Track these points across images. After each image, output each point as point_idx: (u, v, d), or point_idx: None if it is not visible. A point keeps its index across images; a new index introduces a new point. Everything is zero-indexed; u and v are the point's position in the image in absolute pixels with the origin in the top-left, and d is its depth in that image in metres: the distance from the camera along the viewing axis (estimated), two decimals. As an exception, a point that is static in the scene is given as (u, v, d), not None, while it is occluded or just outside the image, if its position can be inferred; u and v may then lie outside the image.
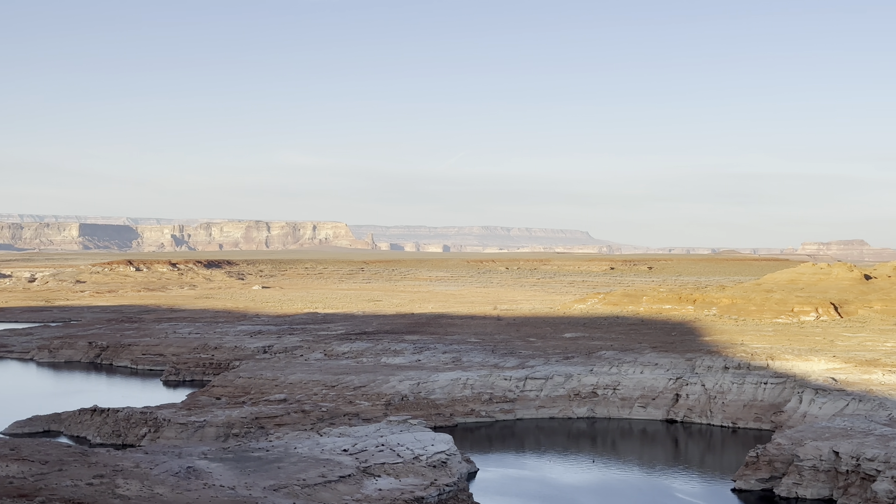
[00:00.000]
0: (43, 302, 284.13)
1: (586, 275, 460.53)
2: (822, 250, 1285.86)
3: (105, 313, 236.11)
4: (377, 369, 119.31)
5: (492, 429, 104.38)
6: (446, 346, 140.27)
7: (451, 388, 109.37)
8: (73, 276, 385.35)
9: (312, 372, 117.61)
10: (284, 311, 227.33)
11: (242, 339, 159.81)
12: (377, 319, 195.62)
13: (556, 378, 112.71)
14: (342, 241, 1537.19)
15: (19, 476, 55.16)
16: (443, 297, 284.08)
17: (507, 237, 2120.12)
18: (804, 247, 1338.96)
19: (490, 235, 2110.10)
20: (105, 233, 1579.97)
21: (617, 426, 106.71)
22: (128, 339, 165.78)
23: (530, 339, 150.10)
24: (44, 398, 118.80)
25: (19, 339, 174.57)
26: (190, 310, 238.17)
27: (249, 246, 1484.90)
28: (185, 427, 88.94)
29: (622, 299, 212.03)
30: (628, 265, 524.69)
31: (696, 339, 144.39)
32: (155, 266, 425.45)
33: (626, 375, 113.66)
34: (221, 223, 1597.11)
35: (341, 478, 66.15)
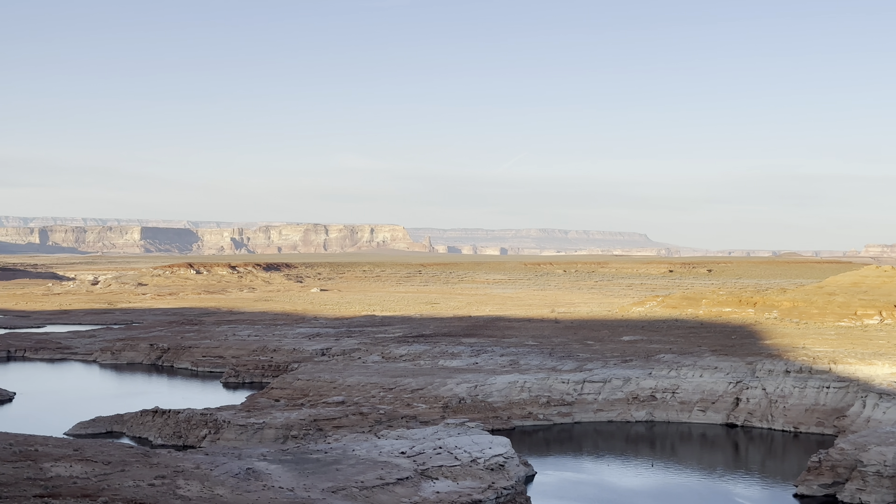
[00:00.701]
0: (105, 304, 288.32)
1: (644, 277, 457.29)
2: (887, 252, 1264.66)
3: (166, 316, 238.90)
4: (434, 372, 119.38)
5: (549, 432, 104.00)
6: (504, 348, 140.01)
7: (509, 391, 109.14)
8: (134, 279, 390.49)
9: (370, 374, 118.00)
10: (342, 314, 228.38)
11: (301, 341, 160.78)
12: (434, 322, 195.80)
13: (614, 381, 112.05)
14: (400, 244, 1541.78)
15: (83, 476, 55.96)
16: (500, 300, 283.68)
17: (565, 240, 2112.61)
18: (867, 249, 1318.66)
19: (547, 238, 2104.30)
20: (166, 236, 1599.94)
21: (676, 430, 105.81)
22: (188, 341, 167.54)
23: (588, 342, 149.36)
24: (106, 399, 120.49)
25: (83, 341, 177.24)
26: (249, 312, 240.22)
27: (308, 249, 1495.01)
28: (244, 429, 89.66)
29: (681, 302, 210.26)
30: (687, 268, 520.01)
31: (756, 342, 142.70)
32: (215, 269, 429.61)
33: (685, 379, 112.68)
34: (280, 226, 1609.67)
35: (399, 480, 66.28)
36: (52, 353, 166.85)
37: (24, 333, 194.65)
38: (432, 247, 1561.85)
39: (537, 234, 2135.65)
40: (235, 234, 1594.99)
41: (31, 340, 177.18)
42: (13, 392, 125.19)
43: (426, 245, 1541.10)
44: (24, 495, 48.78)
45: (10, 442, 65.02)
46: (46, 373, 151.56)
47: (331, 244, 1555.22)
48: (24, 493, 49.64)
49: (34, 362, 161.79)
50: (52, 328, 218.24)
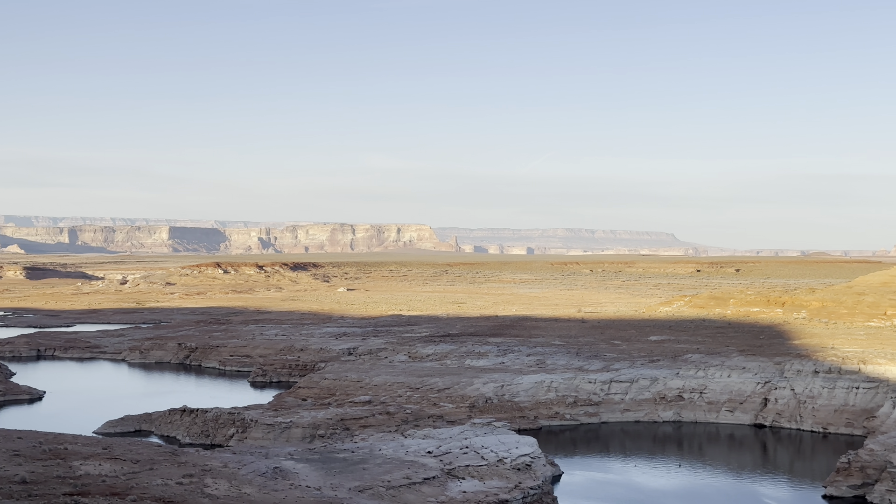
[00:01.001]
0: (134, 304, 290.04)
1: (672, 277, 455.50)
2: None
3: (194, 315, 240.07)
4: (461, 372, 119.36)
5: (576, 432, 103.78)
6: (530, 348, 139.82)
7: (536, 390, 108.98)
8: (163, 279, 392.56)
9: (397, 374, 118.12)
10: (369, 314, 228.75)
11: (328, 340, 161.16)
12: (461, 322, 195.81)
13: (641, 381, 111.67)
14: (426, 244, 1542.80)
15: (112, 475, 56.29)
16: (527, 300, 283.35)
17: (592, 239, 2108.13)
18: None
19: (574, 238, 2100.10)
20: (194, 236, 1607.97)
21: (704, 430, 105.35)
22: (216, 340, 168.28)
23: (615, 341, 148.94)
24: (135, 398, 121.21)
25: (111, 341, 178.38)
26: (276, 312, 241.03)
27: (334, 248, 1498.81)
28: (271, 428, 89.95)
29: (709, 302, 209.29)
30: (715, 267, 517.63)
31: (784, 342, 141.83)
32: (242, 268, 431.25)
33: (712, 379, 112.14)
34: (307, 226, 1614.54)
35: (426, 479, 66.30)
36: (81, 352, 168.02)
37: (54, 332, 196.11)
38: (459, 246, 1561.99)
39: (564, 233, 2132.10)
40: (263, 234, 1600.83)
41: (61, 339, 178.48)
42: (43, 391, 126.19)
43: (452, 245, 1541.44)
44: (53, 493, 49.12)
45: (39, 440, 65.50)
46: (76, 371, 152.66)
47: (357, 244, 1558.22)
48: (54, 491, 49.99)
49: (64, 361, 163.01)
50: (82, 327, 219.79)
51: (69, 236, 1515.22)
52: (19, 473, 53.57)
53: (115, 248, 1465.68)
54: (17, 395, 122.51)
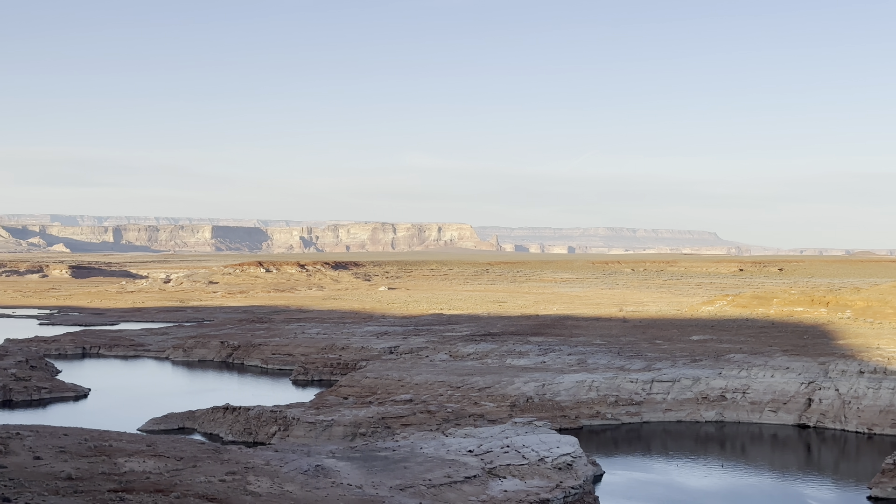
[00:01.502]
0: (177, 302, 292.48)
1: (714, 276, 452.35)
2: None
3: (236, 314, 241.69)
4: (502, 371, 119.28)
5: (617, 431, 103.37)
6: (571, 347, 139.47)
7: (577, 390, 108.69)
8: (206, 277, 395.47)
9: (438, 373, 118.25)
10: (410, 312, 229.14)
11: (369, 339, 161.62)
12: (502, 321, 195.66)
13: (683, 381, 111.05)
14: (467, 243, 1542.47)
15: (156, 472, 56.82)
16: (568, 299, 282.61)
17: (633, 238, 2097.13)
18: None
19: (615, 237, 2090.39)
20: (236, 235, 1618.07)
21: (746, 430, 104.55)
22: (258, 339, 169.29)
23: (657, 341, 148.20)
24: (178, 396, 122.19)
25: (155, 339, 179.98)
26: (318, 310, 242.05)
27: (375, 247, 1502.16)
28: (313, 426, 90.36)
29: (751, 301, 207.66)
30: (758, 267, 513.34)
31: (829, 342, 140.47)
32: (284, 267, 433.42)
33: (755, 379, 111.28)
34: (348, 225, 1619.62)
35: (467, 478, 66.34)
36: (125, 350, 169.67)
37: (99, 331, 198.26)
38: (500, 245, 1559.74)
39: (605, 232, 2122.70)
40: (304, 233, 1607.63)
41: (106, 338, 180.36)
42: (88, 388, 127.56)
43: (493, 244, 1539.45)
44: (98, 489, 49.68)
45: (85, 437, 66.25)
46: (120, 369, 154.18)
47: (398, 243, 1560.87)
48: (99, 487, 50.56)
49: (108, 359, 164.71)
50: (126, 325, 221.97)
51: (114, 235, 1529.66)
52: (65, 470, 54.23)
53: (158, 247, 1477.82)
54: (63, 392, 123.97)
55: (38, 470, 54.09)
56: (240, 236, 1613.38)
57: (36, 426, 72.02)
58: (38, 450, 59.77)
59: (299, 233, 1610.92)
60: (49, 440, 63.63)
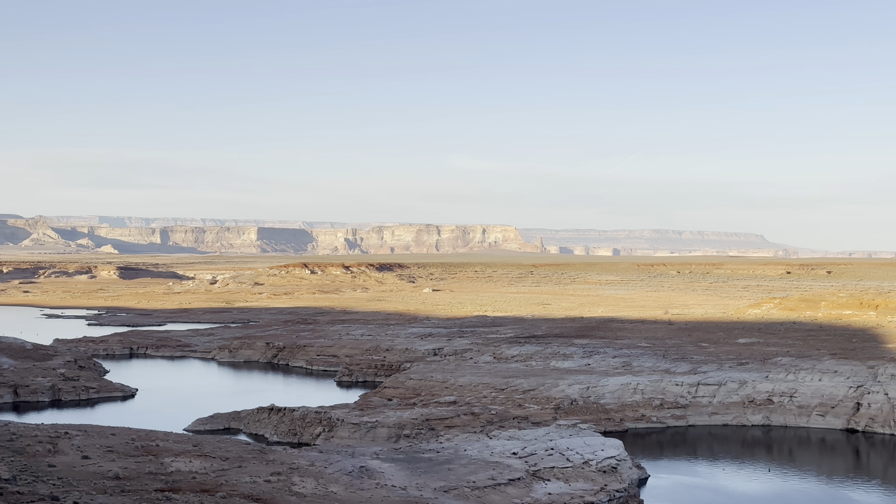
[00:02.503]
0: (223, 303, 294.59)
1: (761, 279, 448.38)
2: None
3: (281, 315, 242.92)
4: (546, 373, 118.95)
5: (663, 435, 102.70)
6: (616, 350, 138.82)
7: (621, 392, 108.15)
8: (251, 279, 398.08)
9: (482, 375, 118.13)
10: (454, 314, 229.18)
11: (413, 341, 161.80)
12: (546, 323, 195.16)
13: (729, 384, 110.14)
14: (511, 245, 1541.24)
15: (202, 472, 57.24)
16: (612, 301, 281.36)
17: (679, 240, 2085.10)
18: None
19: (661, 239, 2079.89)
20: (282, 236, 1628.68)
21: (794, 435, 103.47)
22: (303, 340, 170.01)
23: (702, 344, 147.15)
24: (224, 396, 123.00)
25: (201, 340, 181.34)
26: (362, 312, 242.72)
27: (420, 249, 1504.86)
28: (357, 427, 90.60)
29: (799, 304, 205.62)
30: (805, 269, 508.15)
31: (878, 346, 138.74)
32: (329, 269, 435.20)
33: (803, 382, 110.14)
34: (393, 227, 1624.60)
35: (511, 481, 66.22)
36: (172, 350, 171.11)
37: (146, 331, 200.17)
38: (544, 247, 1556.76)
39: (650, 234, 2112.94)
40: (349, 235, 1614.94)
41: (153, 338, 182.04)
42: (136, 388, 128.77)
43: (538, 245, 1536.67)
44: (145, 489, 50.13)
45: (132, 437, 66.90)
46: (167, 370, 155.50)
47: (443, 244, 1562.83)
48: (146, 486, 51.02)
49: (155, 359, 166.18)
50: (173, 326, 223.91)
51: (161, 237, 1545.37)
52: (112, 469, 54.78)
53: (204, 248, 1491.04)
54: (111, 392, 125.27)
55: (86, 469, 54.70)
56: (285, 238, 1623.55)
57: (84, 426, 72.84)
58: (86, 449, 60.44)
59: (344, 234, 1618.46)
60: (97, 440, 64.31)
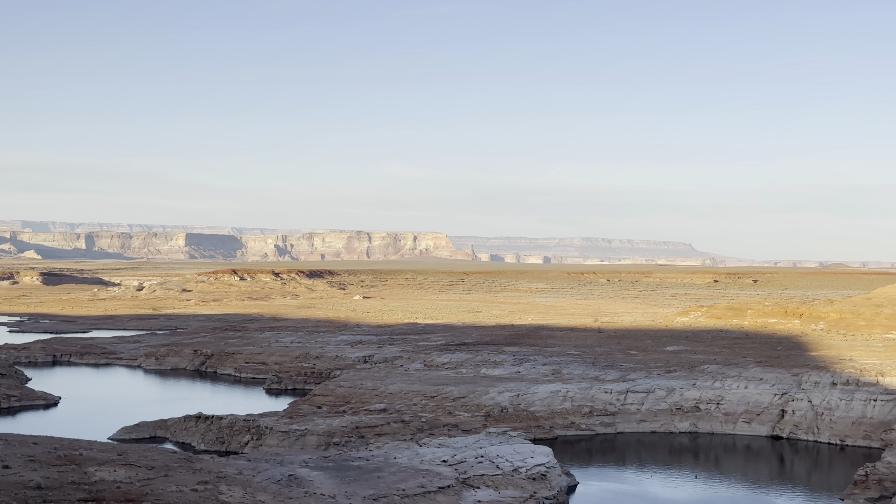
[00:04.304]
0: (150, 310, 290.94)
1: (689, 287, 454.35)
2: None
3: (210, 322, 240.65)
4: (477, 380, 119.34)
5: (592, 442, 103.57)
6: (546, 358, 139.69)
7: (551, 400, 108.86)
8: (179, 285, 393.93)
9: (412, 382, 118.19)
10: (385, 322, 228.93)
11: (343, 348, 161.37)
12: (477, 331, 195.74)
13: (657, 392, 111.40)
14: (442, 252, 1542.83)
15: (126, 481, 56.47)
16: (543, 309, 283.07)
17: (609, 249, 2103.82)
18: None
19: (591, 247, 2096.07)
20: (210, 242, 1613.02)
21: (720, 442, 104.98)
22: (232, 347, 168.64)
23: (631, 351, 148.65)
24: (150, 405, 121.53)
25: (128, 347, 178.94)
26: (292, 319, 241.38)
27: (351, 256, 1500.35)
28: (286, 435, 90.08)
29: (726, 313, 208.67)
30: (732, 278, 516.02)
31: (802, 354, 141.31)
32: (258, 275, 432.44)
33: (729, 390, 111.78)
34: (323, 233, 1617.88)
35: (441, 489, 66.29)
36: (97, 357, 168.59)
37: (70, 338, 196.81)
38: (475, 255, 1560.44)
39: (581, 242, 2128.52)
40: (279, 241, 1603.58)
41: (77, 345, 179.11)
42: (59, 396, 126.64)
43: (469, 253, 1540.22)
44: (68, 499, 49.32)
45: (54, 446, 65.77)
46: (91, 377, 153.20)
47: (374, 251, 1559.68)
48: (69, 497, 50.19)
49: (80, 367, 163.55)
50: (98, 333, 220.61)
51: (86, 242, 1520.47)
52: (34, 479, 53.81)
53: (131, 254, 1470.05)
54: (33, 400, 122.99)
55: (7, 479, 53.65)
56: (214, 244, 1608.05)
57: (5, 435, 71.46)
58: (7, 459, 59.28)
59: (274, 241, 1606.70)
60: (18, 449, 63.12)
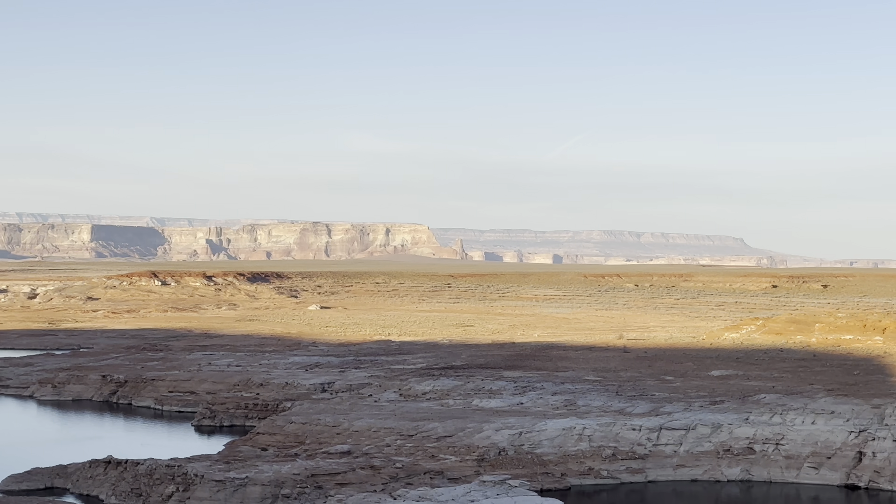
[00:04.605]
0: (46, 324, 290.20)
1: (740, 294, 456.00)
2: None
3: (123, 339, 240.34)
4: (467, 414, 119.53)
5: (616, 493, 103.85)
6: (557, 385, 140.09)
7: (563, 439, 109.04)
8: (83, 292, 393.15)
9: (384, 417, 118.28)
10: (349, 339, 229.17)
11: (295, 373, 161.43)
12: (468, 350, 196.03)
13: (700, 428, 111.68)
14: (423, 249, 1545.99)
15: (15, 544, 56.33)
16: (552, 322, 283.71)
17: (637, 245, 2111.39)
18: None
19: (614, 243, 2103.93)
20: (124, 237, 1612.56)
21: (780, 492, 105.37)
22: (151, 371, 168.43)
23: (666, 377, 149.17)
24: (46, 446, 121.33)
25: (16, 371, 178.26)
26: (230, 335, 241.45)
27: (305, 254, 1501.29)
28: (222, 485, 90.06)
29: (787, 327, 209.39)
30: (796, 282, 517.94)
31: (885, 379, 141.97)
32: (186, 279, 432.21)
33: (792, 427, 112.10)
34: (270, 225, 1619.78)
35: (420, 554, 66.34)
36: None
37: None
38: (465, 253, 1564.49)
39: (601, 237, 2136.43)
40: (212, 235, 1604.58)
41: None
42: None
43: (457, 251, 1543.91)
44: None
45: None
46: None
47: (334, 248, 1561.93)
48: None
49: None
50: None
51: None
52: None
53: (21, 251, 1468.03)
54: None
55: None
56: (128, 238, 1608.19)
57: None
58: None
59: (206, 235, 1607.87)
60: None
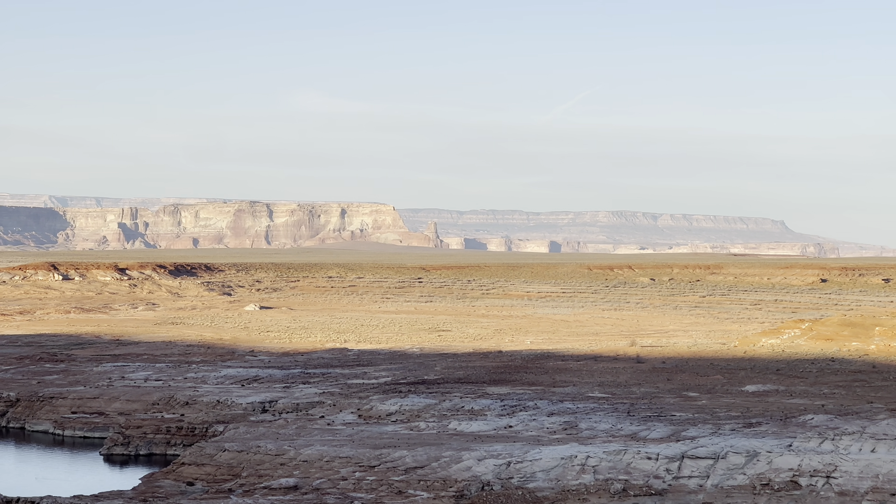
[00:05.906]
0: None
1: (781, 290, 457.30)
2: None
3: (14, 347, 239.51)
4: (442, 441, 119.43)
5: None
6: (553, 403, 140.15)
7: (562, 471, 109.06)
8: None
9: (340, 444, 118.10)
10: (295, 347, 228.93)
11: (229, 389, 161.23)
12: (443, 361, 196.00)
13: (731, 457, 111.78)
14: (388, 235, 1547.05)
15: None
16: (548, 326, 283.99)
17: (653, 229, 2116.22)
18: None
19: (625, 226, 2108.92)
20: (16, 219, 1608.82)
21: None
22: (50, 387, 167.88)
23: (690, 393, 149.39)
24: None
25: None
26: (147, 342, 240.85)
27: (241, 242, 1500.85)
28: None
29: (840, 331, 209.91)
30: (850, 275, 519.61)
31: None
32: (93, 272, 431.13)
33: (847, 455, 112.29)
34: (197, 205, 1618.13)
35: None
36: None
37: None
38: (440, 239, 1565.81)
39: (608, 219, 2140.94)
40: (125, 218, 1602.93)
41: None
42: None
43: (430, 236, 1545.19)
44: None
45: None
46: None
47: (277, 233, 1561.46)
48: None
49: None
50: None
51: None
52: None
53: None
54: None
55: None
56: (21, 222, 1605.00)
57: None
58: None
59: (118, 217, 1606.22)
60: None
